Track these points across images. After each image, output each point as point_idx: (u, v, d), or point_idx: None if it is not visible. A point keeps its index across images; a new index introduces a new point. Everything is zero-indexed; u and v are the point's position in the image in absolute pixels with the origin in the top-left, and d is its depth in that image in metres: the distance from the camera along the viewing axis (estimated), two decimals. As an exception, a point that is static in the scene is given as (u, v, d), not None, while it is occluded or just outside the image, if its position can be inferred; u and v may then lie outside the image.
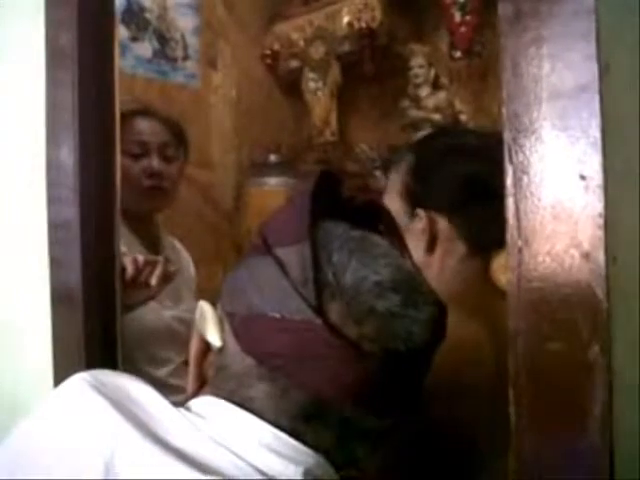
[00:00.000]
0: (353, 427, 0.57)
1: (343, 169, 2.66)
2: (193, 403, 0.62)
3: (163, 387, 0.65)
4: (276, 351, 0.56)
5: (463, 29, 2.37)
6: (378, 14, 2.54)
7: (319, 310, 0.54)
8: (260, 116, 2.75)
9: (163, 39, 2.58)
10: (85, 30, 1.07)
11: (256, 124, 2.73)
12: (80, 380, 0.64)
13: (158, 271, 1.17)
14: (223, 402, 0.59)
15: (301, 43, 2.71)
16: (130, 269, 1.15)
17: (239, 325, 0.58)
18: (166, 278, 1.20)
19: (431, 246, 0.96)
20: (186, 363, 1.61)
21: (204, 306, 0.63)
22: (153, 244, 1.55)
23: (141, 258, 1.17)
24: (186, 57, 2.64)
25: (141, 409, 0.60)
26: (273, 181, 2.66)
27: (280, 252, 0.58)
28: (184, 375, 1.56)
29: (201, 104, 2.62)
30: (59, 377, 1.06)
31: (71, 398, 0.62)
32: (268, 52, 2.73)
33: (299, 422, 0.57)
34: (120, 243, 1.10)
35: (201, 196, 2.52)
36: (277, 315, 0.55)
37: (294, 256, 0.57)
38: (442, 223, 0.97)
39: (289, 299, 0.55)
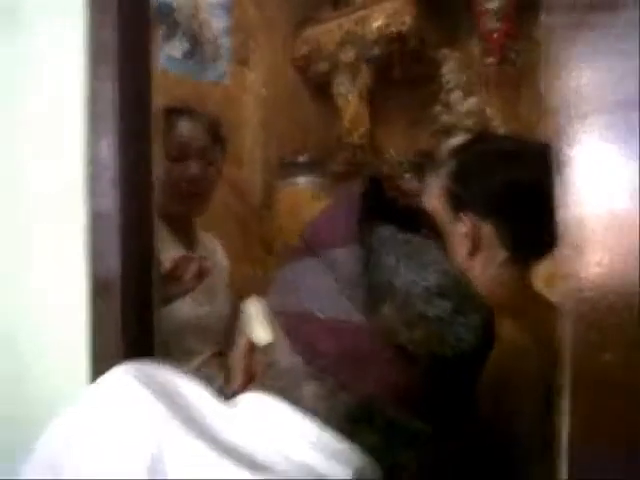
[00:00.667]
0: (399, 431, 0.57)
1: (375, 171, 2.67)
2: (241, 399, 0.62)
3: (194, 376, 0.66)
4: (324, 352, 0.56)
5: (495, 35, 2.36)
6: (408, 19, 2.53)
7: (368, 313, 0.55)
8: (289, 116, 2.76)
9: (194, 39, 2.60)
10: (125, 28, 1.08)
11: (285, 124, 2.75)
12: (124, 372, 0.63)
13: (194, 267, 1.19)
14: (272, 399, 0.59)
15: (331, 47, 2.71)
16: (167, 264, 1.16)
17: (289, 324, 0.59)
18: (201, 274, 1.21)
19: (473, 251, 0.97)
20: (217, 355, 1.64)
21: (250, 305, 0.64)
22: (190, 242, 1.56)
23: (178, 254, 1.18)
24: (217, 57, 2.65)
25: (188, 404, 0.60)
26: (302, 180, 2.67)
27: (329, 254, 0.59)
28: (213, 366, 1.60)
29: (232, 102, 2.63)
30: (96, 368, 1.08)
31: (115, 390, 0.62)
32: (298, 55, 2.74)
33: (346, 423, 0.57)
34: (157, 236, 1.12)
35: (231, 193, 2.53)
36: (326, 316, 0.56)
37: (344, 258, 0.57)
38: (485, 228, 0.98)
39: (338, 301, 0.56)
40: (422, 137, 2.62)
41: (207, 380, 0.74)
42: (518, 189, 0.97)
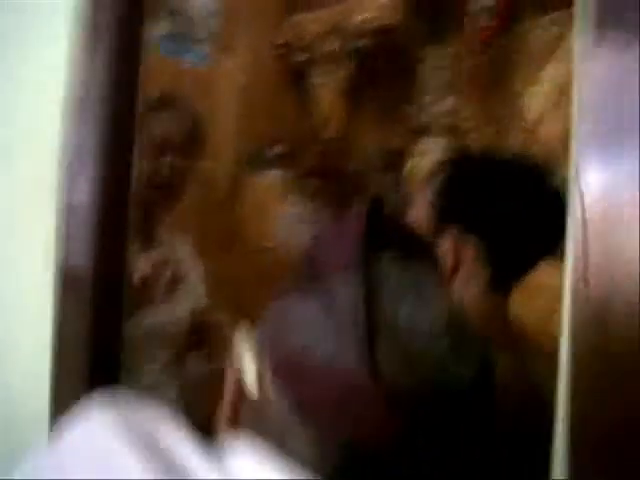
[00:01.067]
0: (391, 476, 0.54)
1: (344, 167, 2.65)
2: (228, 446, 0.57)
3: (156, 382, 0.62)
4: (314, 395, 0.53)
5: (486, 33, 2.34)
6: (395, 14, 2.51)
7: (365, 352, 0.52)
8: (265, 106, 2.72)
9: (176, 18, 2.54)
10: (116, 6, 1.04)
11: (260, 114, 2.70)
12: (98, 410, 0.57)
13: (167, 274, 1.15)
14: (260, 447, 0.55)
15: (314, 36, 2.67)
16: (138, 272, 1.12)
17: (278, 364, 0.55)
18: (174, 282, 1.17)
19: (455, 267, 0.96)
20: (173, 361, 1.60)
21: (242, 341, 0.61)
22: (148, 241, 1.51)
23: (153, 257, 1.14)
24: (200, 39, 2.60)
25: (171, 451, 0.54)
26: (272, 173, 2.64)
27: (329, 284, 0.55)
28: (169, 374, 1.56)
29: (208, 88, 2.58)
30: (58, 368, 1.04)
31: (88, 435, 0.55)
32: (280, 42, 2.69)
33: (337, 474, 0.53)
34: (130, 234, 1.08)
35: (197, 186, 2.48)
36: (321, 357, 0.53)
37: (344, 291, 0.54)
38: (469, 247, 0.97)
39: (336, 340, 0.53)
40: (397, 134, 2.61)
41: (162, 389, 0.70)
42: (508, 205, 0.96)
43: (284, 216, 2.51)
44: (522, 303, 1.01)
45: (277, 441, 0.55)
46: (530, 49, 2.37)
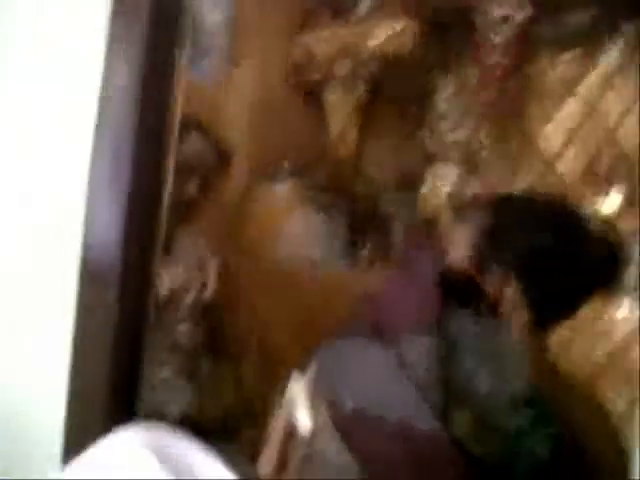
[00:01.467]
0: None
1: (352, 189, 2.61)
2: None
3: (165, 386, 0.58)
4: (386, 457, 0.48)
5: (496, 70, 2.34)
6: (409, 41, 2.49)
7: (445, 420, 0.48)
8: (276, 122, 2.68)
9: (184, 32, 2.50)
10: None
11: (270, 130, 2.67)
12: (132, 440, 0.54)
13: (190, 296, 1.10)
14: None
15: (325, 58, 2.65)
16: (164, 289, 1.08)
17: (343, 418, 0.51)
18: (198, 303, 1.13)
19: (496, 304, 0.92)
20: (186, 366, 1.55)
21: (296, 386, 0.56)
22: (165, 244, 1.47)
23: (179, 277, 1.10)
24: (207, 53, 2.56)
25: None
26: (282, 188, 2.60)
27: (403, 342, 0.51)
28: (182, 377, 1.52)
29: (216, 104, 2.54)
30: (78, 364, 0.99)
31: (124, 463, 0.52)
32: (291, 62, 2.67)
33: None
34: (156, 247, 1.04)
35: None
36: (394, 420, 0.48)
37: (419, 351, 0.50)
38: (510, 291, 0.93)
39: (411, 403, 0.48)
40: (408, 159, 2.58)
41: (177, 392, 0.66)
42: (549, 255, 0.93)
43: (297, 229, 2.47)
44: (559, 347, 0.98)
45: None
46: (547, 86, 2.36)
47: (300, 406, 0.53)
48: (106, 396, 0.73)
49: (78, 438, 0.63)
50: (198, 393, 1.61)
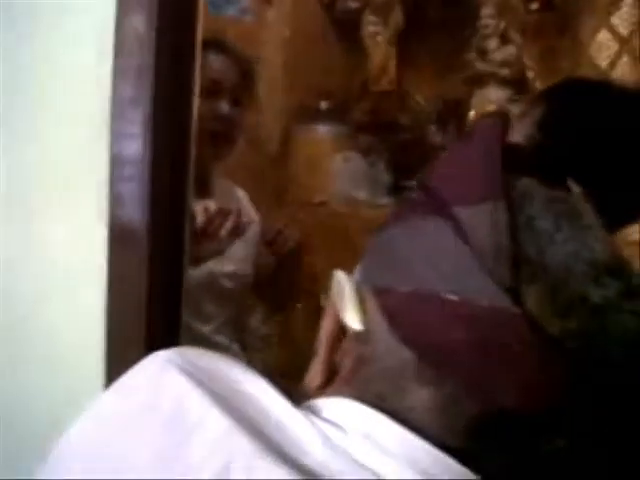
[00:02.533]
0: (534, 450, 0.44)
1: (396, 121, 2.53)
2: (324, 405, 0.47)
3: (207, 343, 0.53)
4: (449, 344, 0.42)
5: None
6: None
7: (516, 294, 0.41)
8: (313, 58, 2.60)
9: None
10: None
11: (308, 66, 2.58)
12: (167, 361, 0.48)
13: (229, 223, 1.05)
14: (368, 410, 0.45)
15: (363, -18, 2.54)
16: (200, 219, 1.03)
17: (397, 305, 0.44)
18: (237, 231, 1.07)
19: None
20: (231, 321, 1.53)
21: (342, 278, 0.50)
22: (204, 190, 1.42)
23: (213, 206, 1.05)
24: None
25: (254, 409, 0.45)
26: (323, 128, 2.53)
27: (460, 213, 0.44)
28: (227, 332, 1.50)
29: (252, 40, 2.47)
30: (113, 331, 0.97)
31: (155, 388, 0.47)
32: (327, -8, 2.57)
33: (467, 440, 0.43)
34: (191, 184, 0.99)
35: (246, 139, 2.39)
36: (456, 297, 0.42)
37: (482, 219, 0.43)
38: (574, 188, 0.85)
39: (474, 277, 0.42)
40: (452, 85, 2.48)
41: (219, 349, 0.60)
42: (615, 143, 0.84)
43: (337, 170, 2.40)
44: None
45: (392, 403, 0.45)
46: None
47: (347, 305, 0.46)
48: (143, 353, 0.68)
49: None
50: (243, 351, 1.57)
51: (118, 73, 0.95)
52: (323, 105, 2.55)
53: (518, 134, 0.89)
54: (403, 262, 0.45)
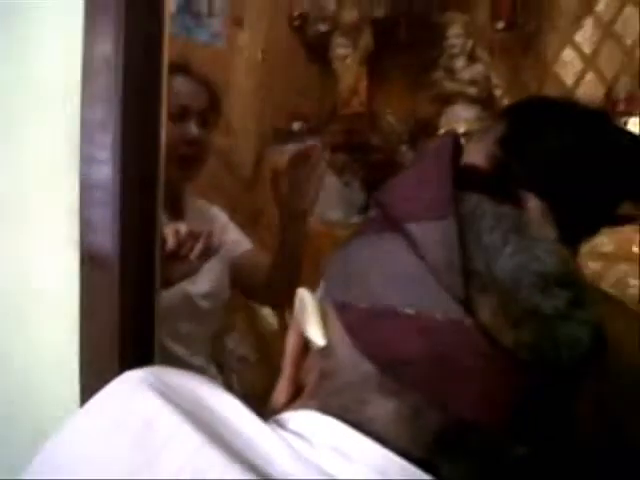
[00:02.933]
0: (498, 458, 0.45)
1: (367, 142, 2.55)
2: (290, 418, 0.48)
3: (184, 365, 0.54)
4: (407, 357, 0.43)
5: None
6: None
7: (467, 306, 0.42)
8: (285, 81, 2.63)
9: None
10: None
11: (280, 89, 2.61)
12: (137, 380, 0.49)
13: (200, 245, 1.05)
14: (334, 421, 0.45)
15: (332, 6, 2.57)
16: (171, 241, 1.03)
17: (357, 321, 0.45)
18: (208, 253, 1.07)
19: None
20: (208, 342, 1.52)
21: (305, 295, 0.50)
22: (176, 211, 1.43)
23: (184, 229, 1.05)
24: (212, 13, 2.50)
25: (223, 424, 0.46)
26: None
27: (412, 229, 0.45)
28: (204, 354, 1.49)
29: (224, 65, 2.49)
30: (87, 355, 0.96)
31: (127, 406, 0.48)
32: (296, 14, 2.59)
33: (432, 451, 0.44)
34: (161, 210, 0.99)
35: (220, 162, 2.40)
36: (412, 311, 0.43)
37: (433, 235, 0.44)
38: (532, 203, 0.86)
39: (428, 290, 0.43)
40: (422, 105, 2.51)
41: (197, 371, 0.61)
42: (573, 159, 0.86)
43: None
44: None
45: (355, 415, 0.45)
46: (563, 7, 2.27)
47: (311, 321, 0.47)
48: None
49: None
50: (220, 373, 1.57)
51: (86, 98, 0.96)
52: (295, 127, 2.58)
53: (479, 152, 0.91)
54: (361, 278, 0.46)
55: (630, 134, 0.95)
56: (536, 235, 0.46)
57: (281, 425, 0.47)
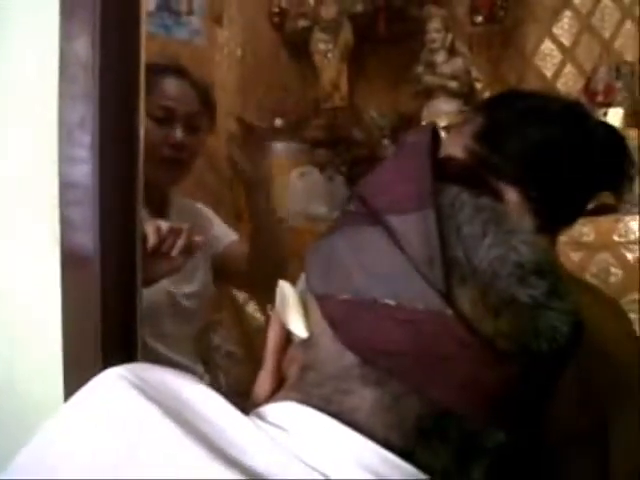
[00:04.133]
0: (476, 444, 0.46)
1: (349, 137, 2.56)
2: (270, 410, 0.48)
3: (169, 364, 0.55)
4: (389, 347, 0.43)
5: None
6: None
7: (448, 297, 0.43)
8: (266, 78, 2.63)
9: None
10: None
11: (261, 86, 2.61)
12: (117, 377, 0.50)
13: (181, 241, 1.04)
14: (314, 412, 0.46)
15: (311, 2, 2.58)
16: (152, 238, 1.02)
17: (337, 312, 0.46)
18: (190, 249, 1.07)
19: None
20: (193, 340, 1.52)
21: (285, 288, 0.51)
22: (160, 212, 1.42)
23: (165, 225, 1.04)
24: (191, 11, 2.50)
25: (201, 417, 0.47)
26: (277, 146, 2.54)
27: (392, 221, 0.45)
28: (189, 352, 1.49)
29: (205, 62, 2.48)
30: (70, 354, 0.96)
31: (108, 404, 0.49)
32: (276, 10, 2.59)
33: (412, 439, 0.45)
34: (141, 207, 0.99)
35: (203, 161, 2.39)
36: (392, 302, 0.43)
37: (414, 227, 0.44)
38: (512, 195, 0.87)
39: (409, 282, 0.43)
40: (404, 99, 2.52)
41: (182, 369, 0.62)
42: (553, 151, 0.87)
43: (293, 186, 2.42)
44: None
45: (337, 406, 0.46)
46: (537, 9, 2.29)
47: (292, 313, 0.47)
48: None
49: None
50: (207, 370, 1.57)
51: (64, 98, 0.96)
52: (278, 123, 2.58)
53: (457, 145, 0.92)
54: (342, 270, 0.47)
55: (606, 125, 0.96)
56: (514, 226, 0.47)
57: (261, 417, 0.48)
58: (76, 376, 1.01)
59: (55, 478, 0.47)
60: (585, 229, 1.84)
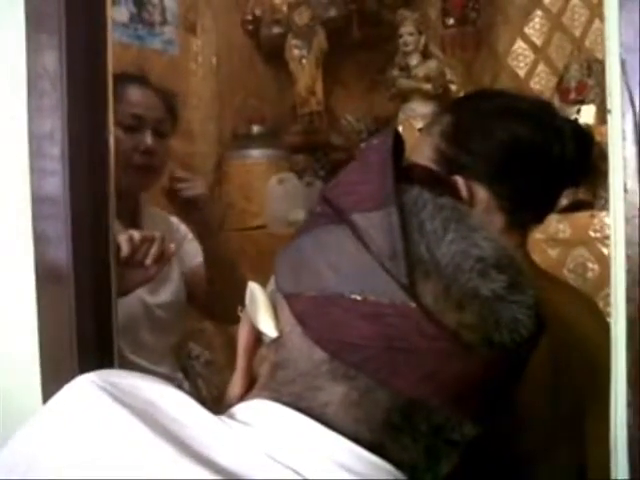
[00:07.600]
0: (444, 437, 0.47)
1: (327, 142, 2.57)
2: (239, 409, 0.50)
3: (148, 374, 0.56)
4: (356, 341, 0.45)
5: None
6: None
7: (412, 291, 0.44)
8: (241, 85, 2.63)
9: (140, 2, 2.44)
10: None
11: (237, 93, 2.61)
12: (88, 383, 0.51)
13: (155, 249, 1.05)
14: (283, 408, 0.47)
15: (284, 8, 2.58)
16: (125, 248, 1.03)
17: (307, 309, 0.47)
18: (163, 258, 1.08)
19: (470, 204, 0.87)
20: (172, 350, 1.53)
21: (255, 289, 0.52)
22: (132, 220, 1.42)
23: (137, 235, 1.05)
24: (164, 22, 2.49)
25: (171, 418, 0.48)
26: (255, 153, 2.55)
27: (357, 219, 0.47)
28: (168, 362, 1.49)
29: (179, 71, 2.48)
30: (46, 367, 0.96)
31: (79, 408, 0.50)
32: (249, 17, 2.59)
33: (382, 433, 0.46)
34: (114, 217, 0.99)
35: (180, 168, 2.39)
36: (358, 297, 0.45)
37: (377, 223, 0.46)
38: (481, 193, 0.88)
39: (373, 277, 0.45)
40: (379, 102, 2.53)
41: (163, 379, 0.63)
42: (520, 148, 0.88)
43: (272, 193, 2.42)
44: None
45: (307, 402, 0.47)
46: (509, 10, 2.32)
47: (262, 313, 0.49)
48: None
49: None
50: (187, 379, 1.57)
51: (33, 111, 0.96)
52: (255, 130, 2.58)
53: (428, 146, 0.93)
54: (310, 269, 0.48)
55: (572, 122, 0.98)
56: (475, 224, 0.49)
57: (231, 416, 0.49)
58: (55, 387, 1.01)
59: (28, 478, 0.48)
60: (561, 225, 1.86)
